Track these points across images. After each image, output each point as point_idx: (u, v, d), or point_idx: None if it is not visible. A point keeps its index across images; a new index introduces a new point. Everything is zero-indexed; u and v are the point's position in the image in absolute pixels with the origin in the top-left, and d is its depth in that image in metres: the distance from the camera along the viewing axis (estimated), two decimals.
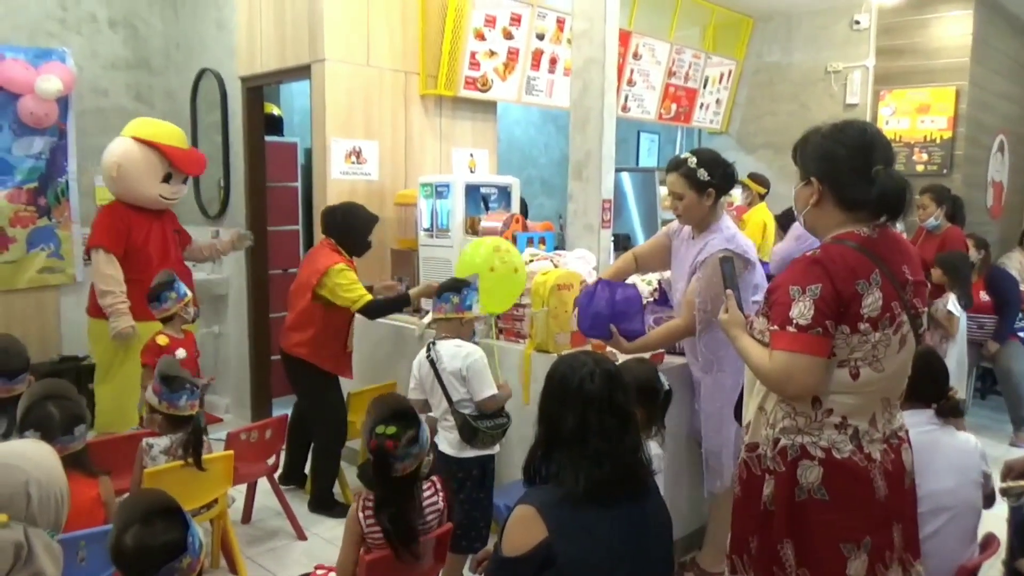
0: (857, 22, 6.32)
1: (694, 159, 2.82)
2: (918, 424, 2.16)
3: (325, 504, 3.77)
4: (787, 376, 1.75)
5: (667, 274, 3.22)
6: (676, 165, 2.86)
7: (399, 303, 3.68)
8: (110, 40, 4.98)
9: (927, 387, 2.25)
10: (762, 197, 5.86)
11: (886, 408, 1.84)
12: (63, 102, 4.61)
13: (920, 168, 6.07)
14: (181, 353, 3.37)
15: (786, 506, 1.80)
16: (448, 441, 2.79)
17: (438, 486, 2.29)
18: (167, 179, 3.94)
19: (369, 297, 3.55)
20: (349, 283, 3.53)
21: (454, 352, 2.80)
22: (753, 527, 1.87)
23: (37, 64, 4.48)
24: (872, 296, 1.73)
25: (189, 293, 3.51)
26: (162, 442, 2.74)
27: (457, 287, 2.90)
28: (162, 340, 3.39)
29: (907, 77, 6.14)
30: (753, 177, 5.91)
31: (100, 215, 3.94)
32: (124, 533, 1.51)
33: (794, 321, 1.73)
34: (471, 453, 2.78)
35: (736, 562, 1.93)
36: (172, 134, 4.03)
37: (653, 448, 2.48)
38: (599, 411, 1.72)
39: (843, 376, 1.77)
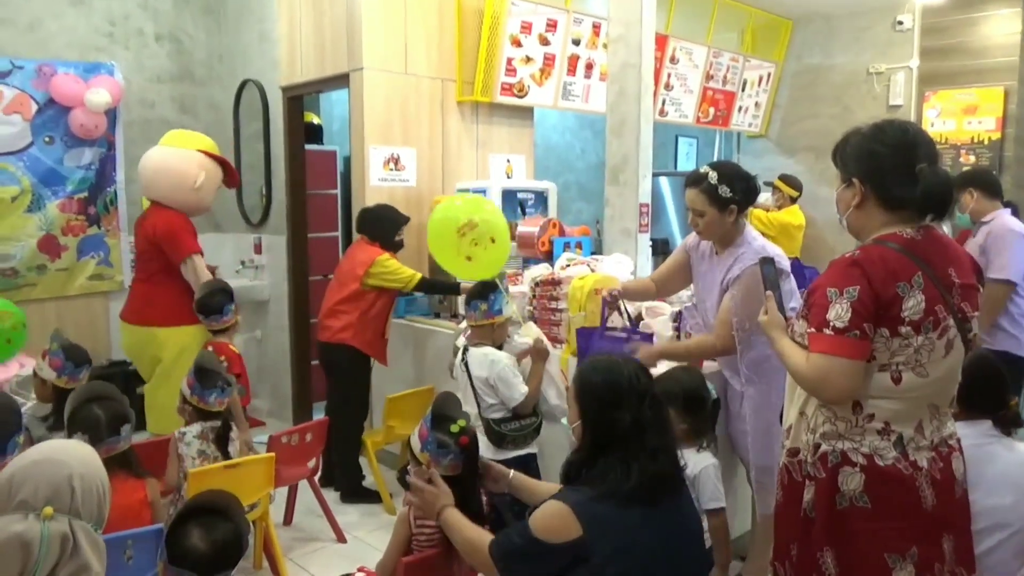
0: (900, 23, 6.19)
1: (715, 174, 2.64)
2: (974, 436, 2.03)
3: (357, 492, 3.90)
4: (823, 379, 1.72)
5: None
6: (696, 180, 2.68)
7: (448, 288, 3.94)
8: (156, 54, 5.11)
9: (984, 397, 2.11)
10: (794, 200, 5.75)
11: (934, 415, 1.78)
12: (111, 114, 4.75)
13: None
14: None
15: (827, 513, 1.77)
16: (483, 444, 2.80)
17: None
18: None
19: (420, 276, 3.80)
20: (397, 268, 3.79)
21: (480, 360, 2.85)
22: (794, 534, 1.84)
23: (87, 78, 4.63)
24: (914, 299, 1.69)
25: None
26: (194, 428, 2.83)
27: (484, 293, 2.91)
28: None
29: (953, 78, 5.98)
30: (785, 179, 5.80)
31: (175, 225, 3.69)
32: (190, 536, 1.60)
33: (831, 323, 1.70)
34: (509, 453, 2.80)
35: (778, 569, 1.90)
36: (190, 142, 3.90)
37: (708, 458, 2.46)
38: (651, 406, 1.76)
39: (884, 380, 1.72)
